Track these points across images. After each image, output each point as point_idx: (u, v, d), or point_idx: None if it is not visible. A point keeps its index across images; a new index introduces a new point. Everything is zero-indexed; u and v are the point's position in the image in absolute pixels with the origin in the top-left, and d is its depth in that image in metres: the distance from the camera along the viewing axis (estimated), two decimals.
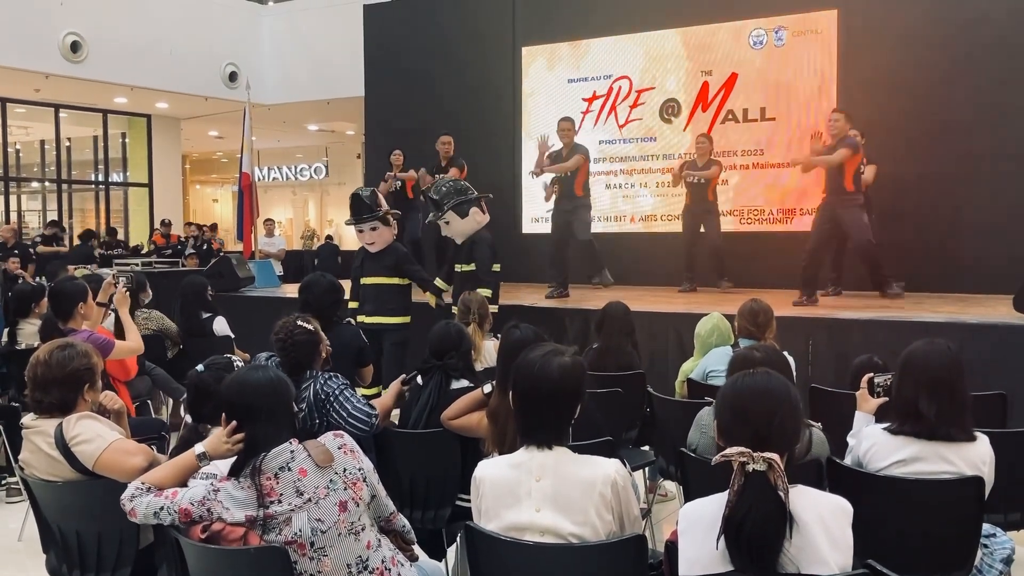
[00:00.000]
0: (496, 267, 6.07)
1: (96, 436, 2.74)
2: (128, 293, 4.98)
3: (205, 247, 14.34)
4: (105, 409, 3.01)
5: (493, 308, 5.68)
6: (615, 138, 10.11)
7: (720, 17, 9.45)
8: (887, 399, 3.02)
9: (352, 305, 5.80)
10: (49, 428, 2.77)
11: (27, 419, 2.86)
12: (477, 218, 6.13)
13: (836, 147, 7.01)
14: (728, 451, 1.87)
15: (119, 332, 4.89)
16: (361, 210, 5.90)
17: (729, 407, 1.98)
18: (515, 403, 2.30)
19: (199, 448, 2.43)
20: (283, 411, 2.35)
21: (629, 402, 4.19)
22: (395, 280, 5.92)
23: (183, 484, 2.40)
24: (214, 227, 17.29)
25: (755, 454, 1.83)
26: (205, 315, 6.28)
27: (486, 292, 5.68)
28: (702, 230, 8.39)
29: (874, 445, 2.72)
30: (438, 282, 6.34)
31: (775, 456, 1.83)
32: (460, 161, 8.79)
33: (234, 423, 2.33)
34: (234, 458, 2.33)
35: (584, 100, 10.24)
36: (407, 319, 5.96)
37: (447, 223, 6.17)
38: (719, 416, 2.01)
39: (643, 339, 5.75)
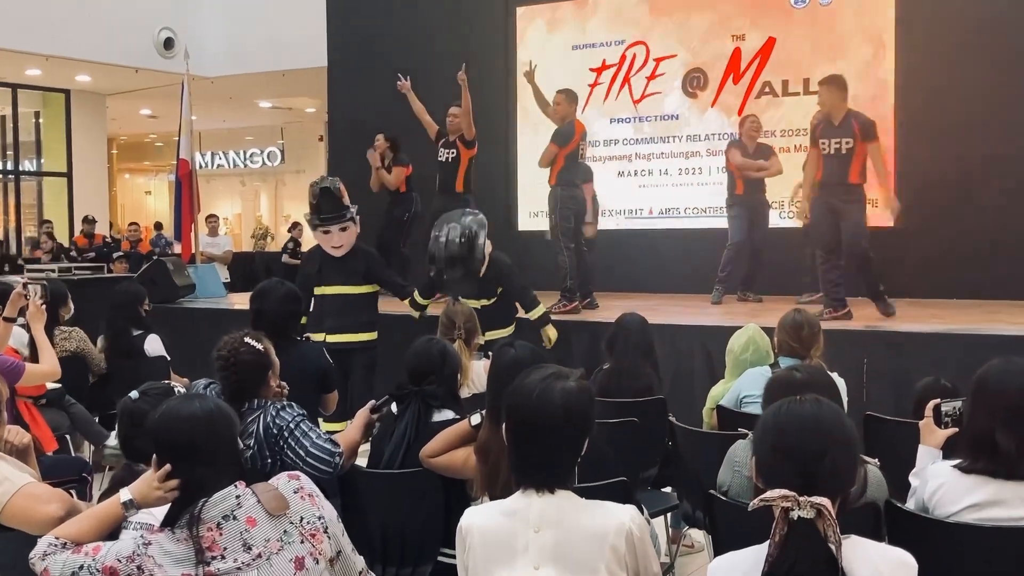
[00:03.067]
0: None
1: (2, 480, 2.71)
2: (44, 306, 4.95)
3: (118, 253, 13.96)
4: (12, 446, 2.98)
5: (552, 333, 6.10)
6: (630, 116, 10.14)
7: None
8: (957, 430, 3.02)
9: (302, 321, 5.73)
10: None
11: None
12: (488, 246, 6.05)
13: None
14: (768, 495, 1.86)
15: (32, 353, 4.87)
16: (331, 207, 5.85)
17: (770, 442, 1.97)
18: (509, 437, 2.30)
19: (125, 495, 2.41)
20: (225, 449, 2.34)
21: (647, 434, 4.19)
22: (364, 289, 5.95)
23: (107, 537, 2.38)
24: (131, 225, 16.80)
25: (801, 498, 1.83)
26: (136, 332, 6.25)
27: (539, 309, 6.15)
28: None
29: (942, 486, 2.71)
30: (417, 298, 6.39)
31: (825, 501, 1.83)
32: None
33: (167, 466, 2.31)
34: (168, 506, 2.31)
35: (592, 71, 10.28)
36: (375, 335, 5.98)
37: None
38: (757, 452, 2.01)
39: (664, 358, 5.75)
